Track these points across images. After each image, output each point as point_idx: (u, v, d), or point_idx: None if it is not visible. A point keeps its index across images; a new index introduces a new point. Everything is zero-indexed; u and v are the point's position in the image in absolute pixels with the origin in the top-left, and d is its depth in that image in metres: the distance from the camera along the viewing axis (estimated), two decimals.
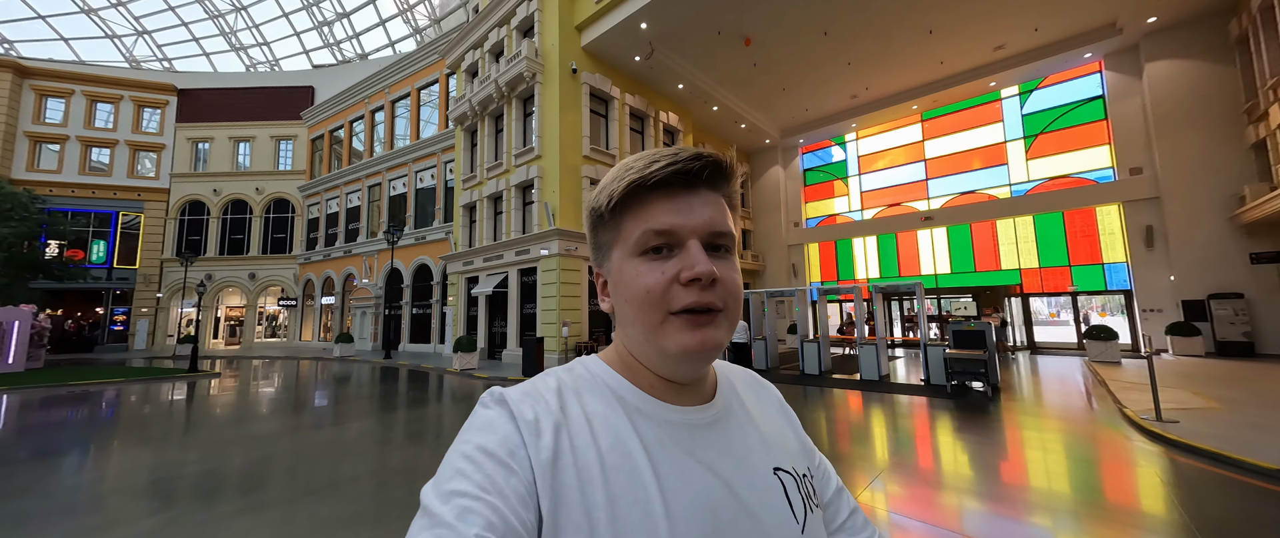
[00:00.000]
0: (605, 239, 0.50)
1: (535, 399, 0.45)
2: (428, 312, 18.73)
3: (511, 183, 14.13)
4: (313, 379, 11.48)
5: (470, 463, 0.40)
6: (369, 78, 21.79)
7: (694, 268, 0.44)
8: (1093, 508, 3.35)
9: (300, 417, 6.91)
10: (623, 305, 0.48)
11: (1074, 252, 15.05)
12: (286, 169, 25.26)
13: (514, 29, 14.70)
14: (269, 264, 24.44)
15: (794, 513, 0.48)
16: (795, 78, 16.18)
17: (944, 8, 12.57)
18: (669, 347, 0.45)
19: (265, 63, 28.01)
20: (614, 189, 0.46)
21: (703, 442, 0.48)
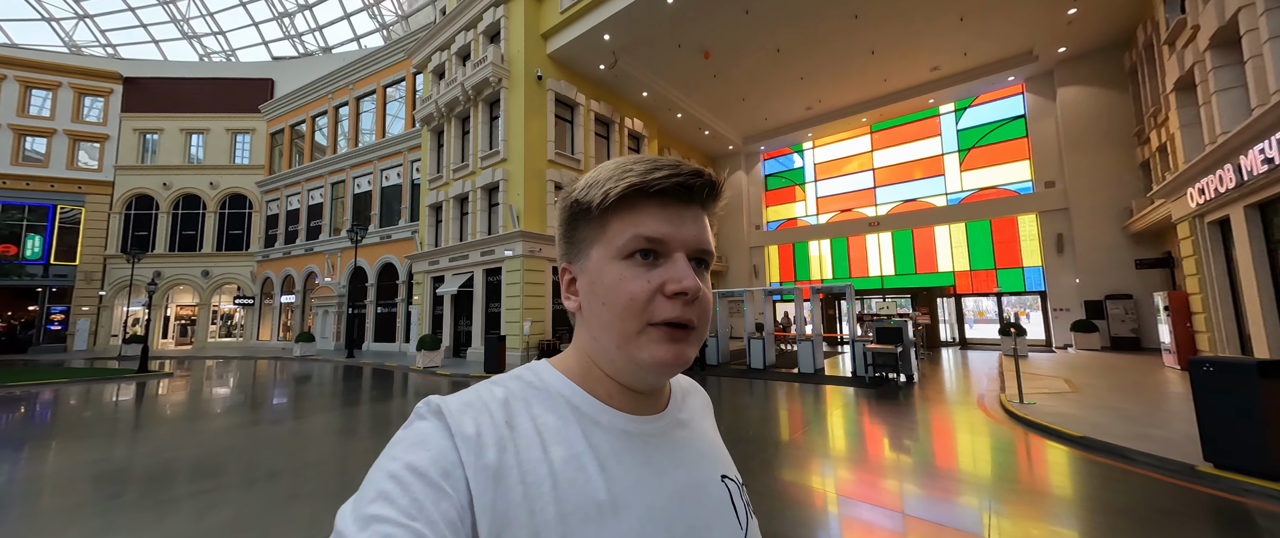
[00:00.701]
0: (585, 235, 0.48)
1: (478, 411, 0.42)
2: (393, 311, 18.70)
3: (477, 185, 14.41)
4: (272, 378, 11.50)
5: (396, 484, 0.37)
6: (333, 73, 21.44)
7: (681, 282, 0.44)
8: (929, 468, 4.17)
9: (259, 413, 7.15)
10: (598, 307, 0.46)
11: (999, 256, 16.58)
12: (243, 163, 24.48)
13: (481, 34, 14.96)
14: (224, 261, 23.66)
15: (738, 519, 0.49)
16: (753, 89, 17.09)
17: (884, 31, 13.67)
18: (643, 357, 0.44)
19: (221, 53, 26.96)
20: (610, 188, 0.45)
21: (657, 450, 0.47)
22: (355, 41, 25.73)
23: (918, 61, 15.41)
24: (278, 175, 23.17)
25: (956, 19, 13.15)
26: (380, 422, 6.43)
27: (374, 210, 19.66)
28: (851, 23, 13.25)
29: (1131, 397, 6.58)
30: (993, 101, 17.08)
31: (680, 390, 0.57)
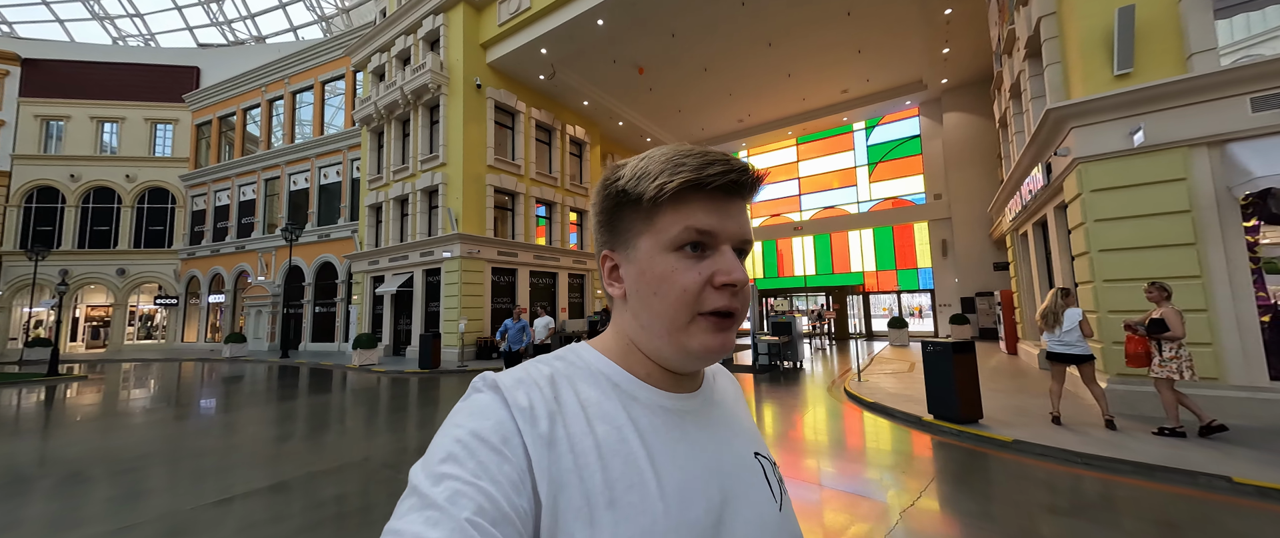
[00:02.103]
0: (631, 225, 0.49)
1: (529, 386, 0.45)
2: (332, 310, 18.64)
3: (417, 187, 14.85)
4: (196, 379, 11.58)
5: (462, 447, 0.40)
6: (268, 65, 20.83)
7: (730, 274, 0.46)
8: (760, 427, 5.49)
9: (185, 411, 7.57)
10: (649, 297, 0.48)
11: (899, 258, 18.88)
12: (165, 155, 23.21)
13: (421, 39, 15.34)
14: (143, 259, 22.40)
15: (773, 493, 0.52)
16: (687, 102, 18.44)
17: (798, 57, 15.34)
18: (692, 346, 0.47)
19: (137, 36, 25.26)
20: (665, 182, 0.46)
21: (693, 427, 0.50)
22: (292, 32, 24.92)
23: (829, 84, 17.28)
24: (205, 169, 22.20)
25: (856, 51, 15.01)
26: (317, 417, 7.09)
27: (312, 208, 19.43)
28: (767, 49, 14.80)
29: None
30: (896, 122, 19.35)
31: (710, 372, 0.59)
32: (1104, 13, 5.59)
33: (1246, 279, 4.91)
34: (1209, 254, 5.03)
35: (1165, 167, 5.26)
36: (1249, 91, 4.87)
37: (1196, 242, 5.08)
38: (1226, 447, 4.06)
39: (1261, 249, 4.96)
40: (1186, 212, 5.14)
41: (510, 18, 13.80)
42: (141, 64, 23.42)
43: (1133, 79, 5.44)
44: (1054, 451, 4.22)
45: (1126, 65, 5.43)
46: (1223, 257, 4.97)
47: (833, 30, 13.85)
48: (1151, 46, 5.38)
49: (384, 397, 8.20)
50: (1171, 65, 5.27)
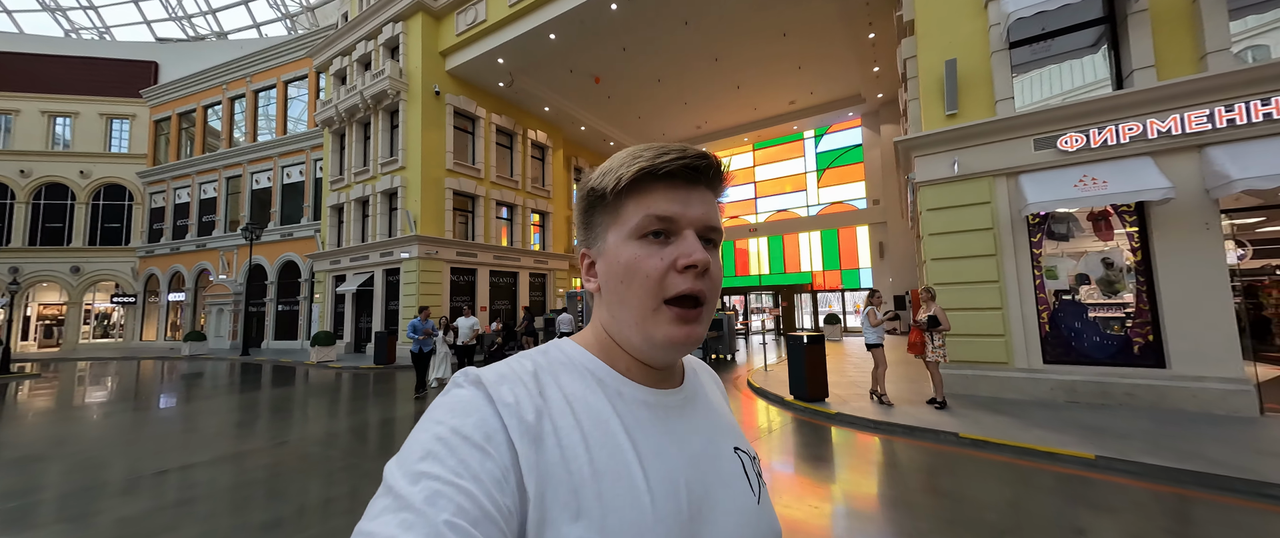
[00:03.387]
0: (601, 221, 0.52)
1: (514, 382, 0.46)
2: (295, 308, 19.08)
3: (378, 189, 15.49)
4: (150, 376, 12.10)
5: (443, 445, 0.39)
6: (229, 62, 20.97)
7: (691, 255, 0.47)
8: None
9: (135, 403, 8.25)
10: (616, 285, 0.50)
11: (843, 259, 20.34)
12: (122, 152, 23.08)
13: (381, 45, 15.93)
14: (99, 257, 22.30)
15: (752, 487, 0.53)
16: (645, 110, 19.45)
17: (743, 71, 16.49)
18: (657, 336, 0.48)
19: (91, 29, 24.91)
20: (622, 173, 0.48)
21: (675, 422, 0.51)
22: (255, 29, 24.95)
23: (776, 96, 18.53)
24: (164, 166, 22.21)
25: (796, 67, 16.25)
26: (259, 407, 7.88)
27: (275, 207, 19.77)
28: (713, 63, 15.91)
29: (831, 365, 9.59)
30: (842, 131, 20.77)
31: (691, 369, 0.61)
32: (940, 62, 6.82)
33: (1031, 284, 6.20)
34: (1005, 263, 6.30)
35: (975, 192, 6.51)
36: (1032, 134, 6.15)
37: (996, 253, 6.34)
38: (974, 413, 5.31)
39: (1043, 260, 6.24)
40: (989, 229, 6.40)
41: (467, 28, 14.56)
42: (96, 57, 23.19)
43: (958, 120, 6.67)
44: (858, 419, 5.41)
45: (953, 107, 6.67)
46: (1014, 265, 6.25)
47: (772, 48, 15.03)
48: (971, 93, 6.62)
49: (330, 390, 9.00)
50: (984, 109, 6.53)
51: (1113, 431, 4.54)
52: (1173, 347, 5.38)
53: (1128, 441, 4.23)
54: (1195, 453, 3.84)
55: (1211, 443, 4.08)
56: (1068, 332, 6.03)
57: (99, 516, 3.37)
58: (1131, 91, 5.54)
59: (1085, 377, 5.72)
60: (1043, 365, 6.04)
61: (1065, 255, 6.14)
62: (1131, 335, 5.70)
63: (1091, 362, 5.83)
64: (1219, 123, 5.14)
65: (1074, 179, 5.74)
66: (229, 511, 3.44)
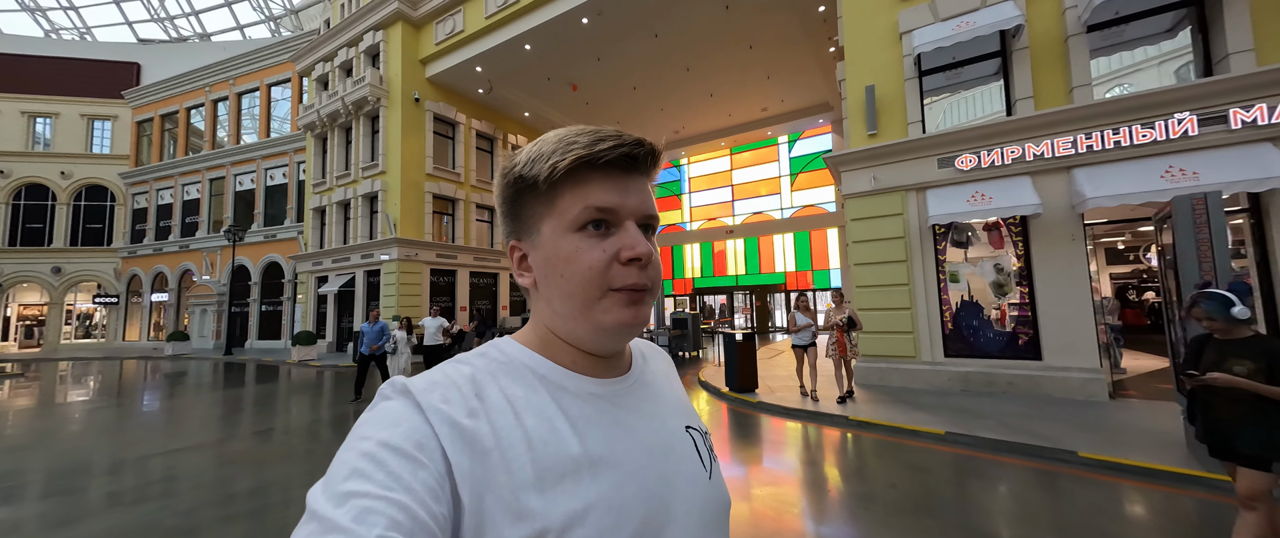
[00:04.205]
0: (533, 211, 0.50)
1: (445, 387, 0.44)
2: (278, 309, 19.55)
3: (359, 193, 16.05)
4: (129, 374, 12.61)
5: (369, 461, 0.37)
6: (213, 65, 21.34)
7: (635, 248, 0.46)
8: None
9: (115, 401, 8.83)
10: (556, 280, 0.48)
11: (815, 260, 21.24)
12: (104, 152, 23.33)
13: (362, 52, 16.49)
14: (80, 257, 22.56)
15: (703, 464, 0.54)
16: (623, 116, 20.16)
17: (715, 80, 17.27)
18: (605, 321, 0.47)
19: (72, 30, 25.07)
20: (557, 162, 0.46)
21: (623, 408, 0.51)
22: (238, 31, 25.26)
23: (749, 103, 19.34)
24: (147, 167, 22.52)
25: (765, 77, 17.07)
26: (234, 403, 8.50)
27: (258, 209, 20.20)
28: (686, 73, 16.67)
29: (781, 362, 10.40)
30: (814, 136, 21.66)
31: (640, 354, 0.61)
32: (862, 86, 7.63)
33: (935, 286, 7.03)
34: (914, 267, 7.13)
35: (890, 204, 7.33)
36: (936, 154, 6.98)
37: (907, 259, 7.17)
38: (875, 401, 6.12)
39: (946, 265, 7.08)
40: (902, 237, 7.22)
41: (446, 38, 15.18)
42: (78, 58, 23.40)
43: (877, 139, 7.49)
44: (776, 407, 6.20)
45: (873, 128, 7.49)
46: (921, 270, 7.08)
47: (740, 59, 15.82)
48: (888, 116, 7.44)
49: (309, 387, 9.63)
50: (898, 131, 7.35)
51: (977, 412, 5.36)
52: (1046, 341, 6.24)
53: (981, 420, 5.05)
54: (1026, 429, 4.67)
55: (1047, 421, 4.91)
56: (966, 329, 6.87)
57: (82, 493, 4.04)
58: (1012, 119, 6.39)
59: (977, 368, 6.56)
60: (944, 359, 6.88)
61: (965, 261, 6.98)
62: (1017, 332, 6.55)
63: (984, 355, 6.68)
64: (1081, 148, 5.99)
65: (968, 195, 6.57)
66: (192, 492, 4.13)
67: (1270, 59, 5.22)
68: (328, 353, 15.94)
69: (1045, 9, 6.41)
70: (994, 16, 6.37)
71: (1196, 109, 5.42)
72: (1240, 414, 2.12)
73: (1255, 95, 5.19)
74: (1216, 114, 5.33)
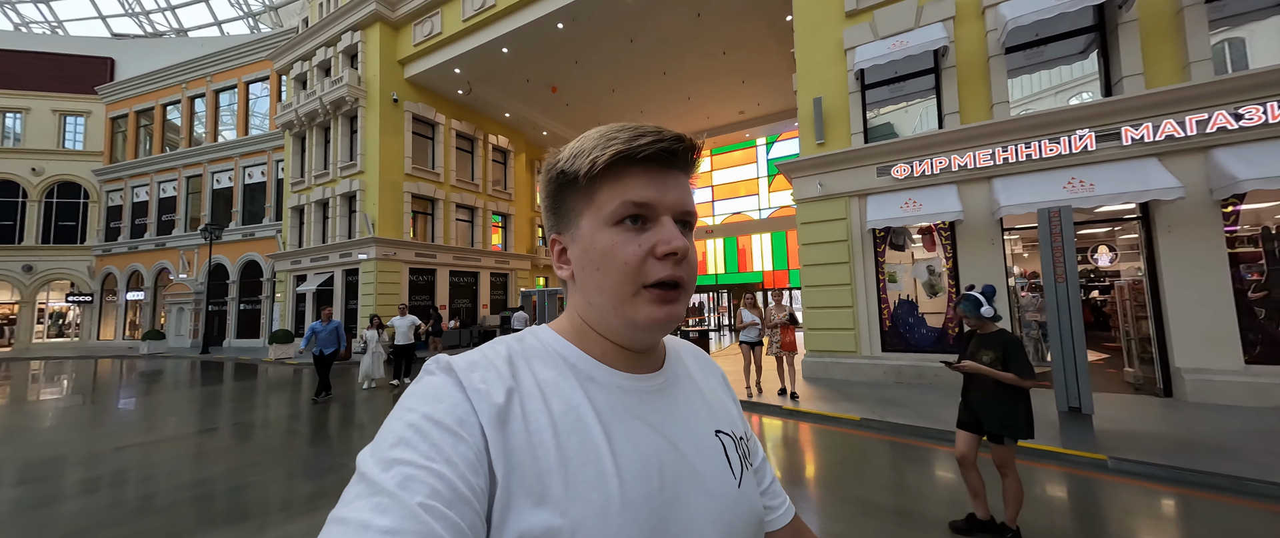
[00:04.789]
0: (573, 206, 0.51)
1: (485, 367, 0.46)
2: (257, 307, 19.63)
3: (337, 192, 16.25)
4: (113, 374, 12.74)
5: (415, 431, 0.40)
6: (190, 61, 21.23)
7: (670, 243, 0.47)
8: None
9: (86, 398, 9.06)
10: (593, 274, 0.50)
11: (791, 259, 21.87)
12: (77, 149, 23.09)
13: (340, 52, 16.65)
14: (53, 255, 22.34)
15: (732, 470, 0.53)
16: (604, 117, 20.55)
17: (691, 84, 17.73)
18: (638, 318, 0.48)
19: (42, 23, 24.70)
20: (597, 156, 0.47)
21: (651, 406, 0.51)
22: (216, 27, 25.11)
23: (726, 106, 19.86)
24: (121, 164, 22.35)
25: (740, 81, 17.58)
26: (206, 400, 8.78)
27: (236, 207, 20.23)
28: (663, 77, 17.12)
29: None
30: (791, 139, 22.27)
31: (674, 351, 0.61)
32: (811, 99, 8.15)
33: (875, 286, 7.59)
34: (856, 268, 7.68)
35: (835, 209, 7.87)
36: (875, 163, 7.52)
37: (850, 260, 7.71)
38: (814, 393, 6.65)
39: (885, 266, 7.64)
40: (845, 240, 7.77)
41: (424, 39, 15.43)
42: (49, 53, 23.10)
43: (825, 148, 8.02)
44: None
45: (821, 138, 8.01)
46: (862, 271, 7.63)
47: (714, 63, 16.31)
48: (834, 126, 7.98)
49: (283, 384, 9.92)
50: (843, 141, 7.88)
51: (897, 402, 5.91)
52: None
53: (897, 407, 5.60)
54: (931, 415, 5.22)
55: (947, 408, 5.47)
56: (902, 326, 7.44)
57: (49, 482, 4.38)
58: (940, 132, 6.95)
59: (909, 362, 7.13)
60: (881, 353, 7.44)
61: (902, 263, 7.54)
62: (946, 327, 7.13)
63: (917, 350, 7.25)
64: (999, 160, 6.57)
65: (902, 201, 7.13)
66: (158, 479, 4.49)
67: (1157, 82, 5.83)
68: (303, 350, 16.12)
69: (970, 31, 6.98)
70: (924, 37, 6.92)
71: (1094, 127, 6.02)
72: (985, 397, 2.64)
73: (1144, 115, 5.80)
74: (1111, 131, 5.93)
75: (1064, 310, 3.99)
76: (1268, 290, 5.33)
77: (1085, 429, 3.96)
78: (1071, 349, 3.92)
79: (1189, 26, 5.64)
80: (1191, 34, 5.63)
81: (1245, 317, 5.36)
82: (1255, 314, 5.36)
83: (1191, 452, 3.85)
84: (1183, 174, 5.56)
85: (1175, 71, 5.74)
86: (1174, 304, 5.64)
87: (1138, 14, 5.90)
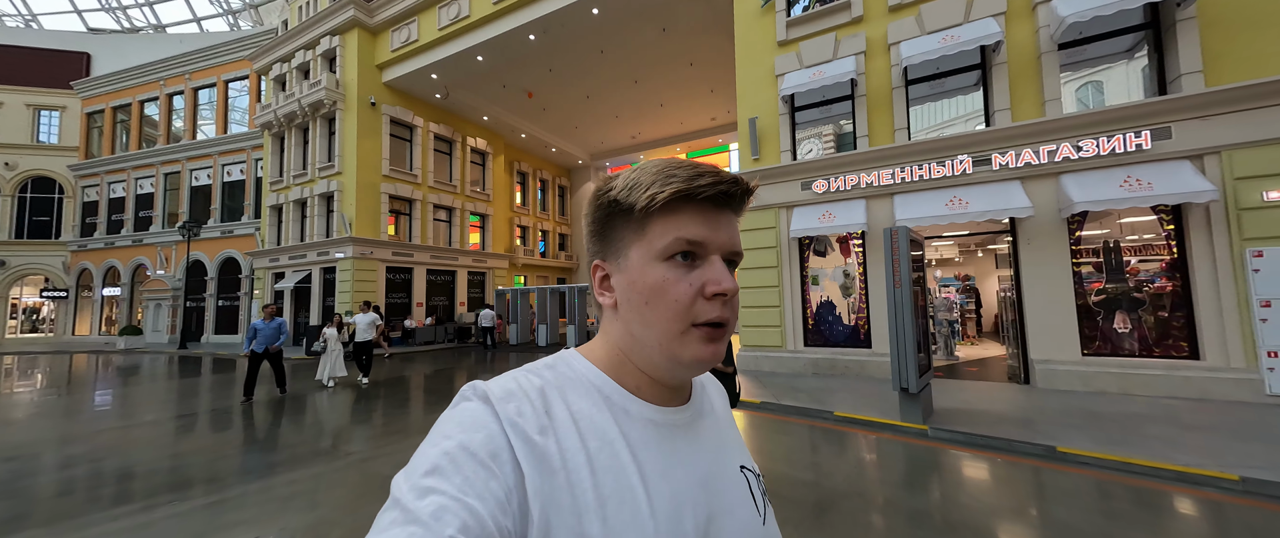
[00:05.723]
0: (623, 235, 0.51)
1: (520, 399, 0.46)
2: (235, 304, 20.11)
3: (315, 192, 16.85)
4: (89, 368, 13.27)
5: (449, 460, 0.40)
6: (168, 58, 21.53)
7: (720, 283, 0.48)
8: None
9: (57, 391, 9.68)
10: (640, 308, 0.50)
11: None
12: (51, 143, 23.24)
13: (319, 55, 17.23)
14: (26, 250, 22.51)
15: (757, 507, 0.54)
16: (581, 121, 21.39)
17: (662, 92, 18.65)
18: (684, 356, 0.48)
19: (16, 16, 24.72)
20: (656, 192, 0.48)
21: (681, 441, 0.51)
22: (195, 23, 25.36)
23: (698, 113, 20.82)
24: (98, 160, 22.58)
25: (709, 90, 18.55)
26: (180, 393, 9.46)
27: (215, 205, 20.65)
28: (634, 85, 18.01)
29: None
30: None
31: (699, 384, 0.61)
32: (747, 119, 9.12)
33: (799, 288, 8.58)
34: (784, 273, 8.66)
35: (767, 219, 8.85)
36: (799, 179, 8.51)
37: (779, 265, 8.69)
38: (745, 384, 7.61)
39: (809, 270, 8.63)
40: (775, 247, 8.75)
41: (402, 46, 16.11)
42: (22, 46, 23.20)
43: (759, 164, 8.99)
44: None
45: (756, 154, 8.98)
46: (789, 274, 8.62)
47: (683, 74, 17.24)
48: (767, 144, 8.95)
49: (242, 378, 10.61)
50: (775, 157, 8.86)
51: (802, 389, 6.90)
52: (875, 332, 7.84)
53: (795, 393, 6.58)
54: (819, 399, 6.20)
55: (844, 393, 6.46)
56: (822, 324, 8.45)
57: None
58: (851, 153, 7.97)
59: (825, 356, 8.14)
60: (804, 348, 8.44)
61: (824, 267, 8.55)
62: (857, 325, 8.15)
63: (833, 345, 8.26)
64: (898, 179, 7.59)
65: (819, 214, 8.13)
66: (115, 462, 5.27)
67: (1021, 117, 6.89)
68: (285, 346, 16.71)
69: (878, 64, 7.99)
70: (839, 69, 7.92)
71: (972, 153, 7.07)
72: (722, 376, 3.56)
73: (1009, 144, 6.85)
74: (984, 157, 6.98)
75: (898, 311, 4.96)
76: (1104, 295, 6.42)
77: (913, 406, 4.93)
78: (903, 341, 4.89)
79: (1045, 70, 6.71)
80: (1047, 76, 6.69)
81: (1084, 316, 6.44)
82: (1093, 314, 6.44)
83: (996, 423, 4.87)
84: (1038, 195, 6.62)
85: (1036, 108, 6.80)
86: (1031, 305, 6.71)
87: (1006, 57, 6.95)
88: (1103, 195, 5.94)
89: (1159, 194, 5.68)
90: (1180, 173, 5.76)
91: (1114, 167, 6.21)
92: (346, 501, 3.62)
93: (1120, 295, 6.31)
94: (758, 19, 9.23)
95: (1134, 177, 5.94)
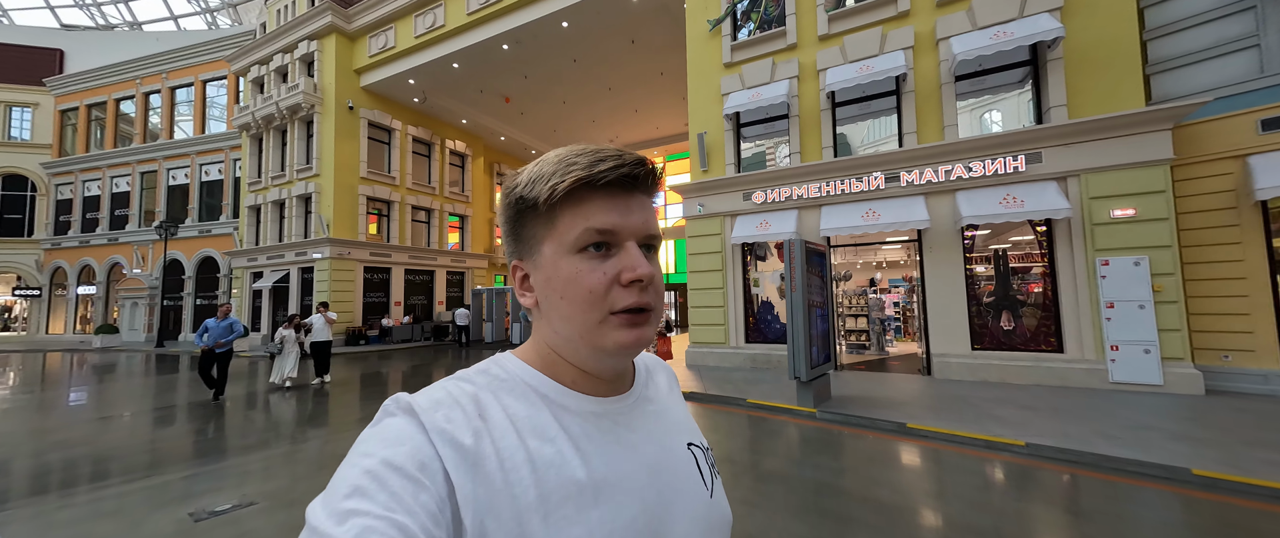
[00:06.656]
0: (534, 232, 0.51)
1: (449, 406, 0.45)
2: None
3: (293, 193, 17.35)
4: (63, 366, 13.68)
5: (372, 479, 0.38)
6: (145, 57, 21.76)
7: (636, 270, 0.47)
8: None
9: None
10: (557, 303, 0.49)
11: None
12: (24, 140, 23.27)
13: (297, 59, 17.71)
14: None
15: (704, 481, 0.56)
16: (559, 125, 22.10)
17: (636, 100, 19.45)
18: (607, 344, 0.48)
19: None
20: (557, 183, 0.47)
21: (626, 429, 0.52)
22: (172, 21, 25.49)
23: (673, 119, 21.67)
24: (72, 158, 22.70)
25: (681, 98, 19.39)
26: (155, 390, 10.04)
27: (192, 204, 20.96)
28: (608, 92, 18.79)
29: None
30: None
31: (645, 369, 0.62)
32: (696, 133, 9.98)
33: (742, 290, 9.48)
34: (728, 277, 9.55)
35: (713, 226, 9.74)
36: (741, 190, 9.41)
37: (723, 269, 9.58)
38: (688, 377, 8.48)
39: (752, 275, 9.53)
40: (720, 252, 9.63)
41: (379, 52, 16.69)
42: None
43: (707, 175, 9.86)
44: None
45: (704, 166, 9.85)
46: (731, 279, 9.51)
47: (654, 83, 18.07)
48: (714, 157, 9.83)
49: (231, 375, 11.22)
50: (721, 170, 9.74)
51: (732, 381, 7.78)
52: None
53: (725, 385, 7.46)
54: (746, 389, 7.08)
55: (766, 384, 7.36)
56: (762, 322, 9.36)
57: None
58: (785, 169, 8.88)
59: (762, 351, 9.05)
60: (744, 344, 9.35)
61: (765, 271, 9.46)
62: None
63: (770, 341, 9.17)
64: (824, 192, 8.51)
65: (757, 222, 9.03)
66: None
67: (925, 140, 7.86)
68: (261, 345, 17.22)
69: (809, 88, 8.92)
70: (775, 92, 8.82)
71: (884, 170, 8.02)
72: None
73: (916, 163, 7.82)
74: (894, 175, 7.93)
75: (795, 311, 5.86)
76: (993, 297, 7.41)
77: (807, 392, 5.83)
78: (798, 336, 5.78)
79: (945, 99, 7.67)
80: (946, 104, 7.66)
81: (975, 316, 7.42)
82: (983, 314, 7.43)
83: (875, 407, 5.79)
84: (938, 210, 7.59)
85: (938, 132, 7.76)
86: (933, 305, 7.68)
87: (914, 86, 7.91)
88: (986, 211, 6.92)
89: (1029, 210, 6.67)
90: (1047, 192, 6.76)
91: (996, 186, 7.19)
92: (306, 474, 4.38)
93: (1005, 297, 7.30)
94: (707, 41, 10.10)
95: (1011, 195, 6.92)
